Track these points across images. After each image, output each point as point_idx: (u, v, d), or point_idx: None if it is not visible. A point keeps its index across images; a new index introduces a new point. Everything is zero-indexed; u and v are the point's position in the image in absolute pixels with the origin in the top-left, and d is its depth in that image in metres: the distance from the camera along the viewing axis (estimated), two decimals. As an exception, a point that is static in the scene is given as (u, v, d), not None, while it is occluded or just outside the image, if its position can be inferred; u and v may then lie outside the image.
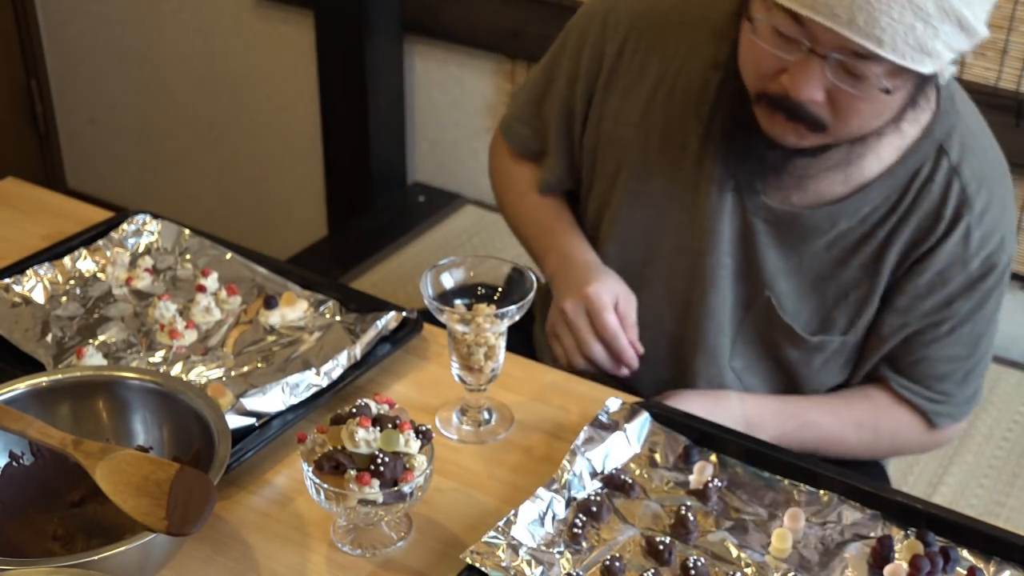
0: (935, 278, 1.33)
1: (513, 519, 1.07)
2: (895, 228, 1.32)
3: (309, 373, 1.24)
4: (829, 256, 1.35)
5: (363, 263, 2.54)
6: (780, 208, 1.34)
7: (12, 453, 1.09)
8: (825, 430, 1.40)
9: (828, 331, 1.39)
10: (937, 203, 1.31)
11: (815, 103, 1.18)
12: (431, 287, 1.20)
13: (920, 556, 1.06)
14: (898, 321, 1.36)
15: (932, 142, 1.30)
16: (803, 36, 1.14)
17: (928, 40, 1.10)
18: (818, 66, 1.15)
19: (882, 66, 1.13)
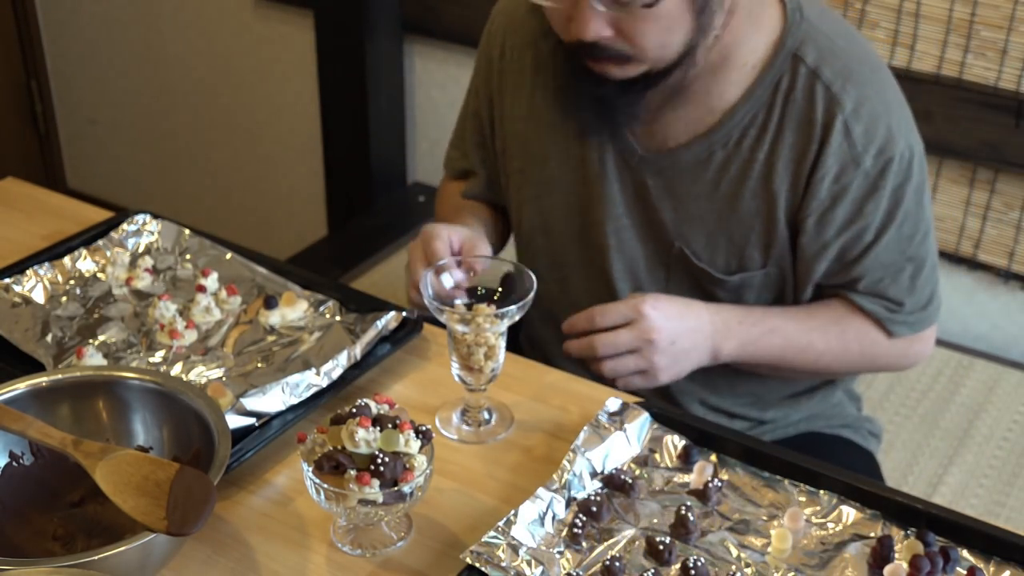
0: (833, 186, 1.33)
1: (513, 519, 1.07)
2: (772, 146, 1.33)
3: (309, 373, 1.24)
4: (720, 193, 1.37)
5: (363, 263, 2.55)
6: (659, 155, 1.37)
7: (12, 453, 1.09)
8: (791, 334, 1.39)
9: (746, 268, 1.40)
10: (805, 109, 1.32)
11: (607, 38, 1.24)
12: (431, 287, 1.20)
13: (920, 556, 1.06)
14: (817, 243, 1.36)
15: (784, 54, 1.32)
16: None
17: None
18: (587, 4, 1.21)
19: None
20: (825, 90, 1.31)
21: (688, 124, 1.36)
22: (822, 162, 1.32)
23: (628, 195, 1.41)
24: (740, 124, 1.34)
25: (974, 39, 2.02)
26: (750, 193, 1.36)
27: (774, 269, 1.40)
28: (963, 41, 2.03)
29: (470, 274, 1.26)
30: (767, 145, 1.34)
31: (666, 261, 1.43)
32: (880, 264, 1.37)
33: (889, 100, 1.34)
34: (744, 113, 1.34)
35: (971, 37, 2.02)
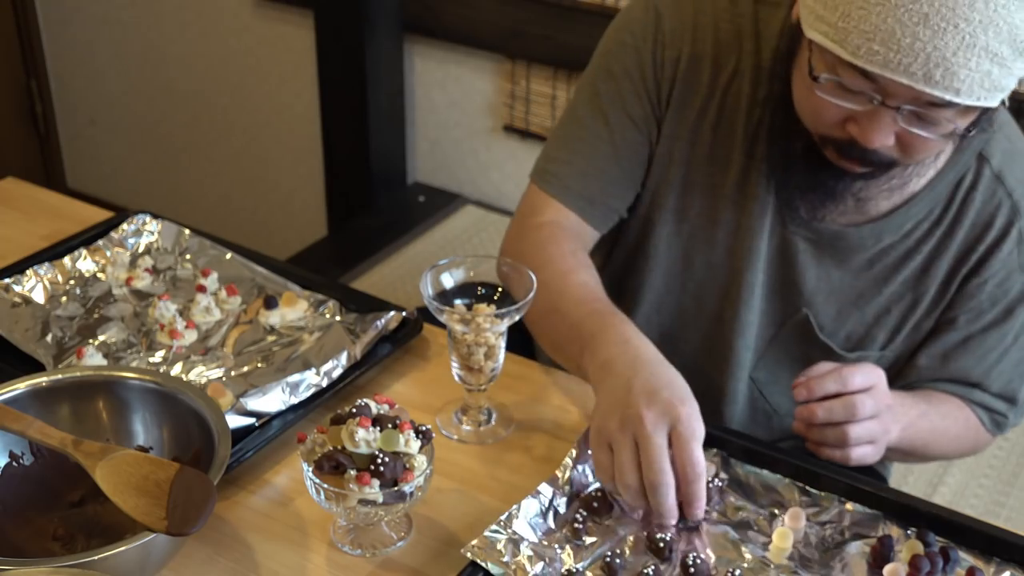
0: (995, 289, 1.31)
1: (515, 514, 1.07)
2: (941, 241, 1.30)
3: (309, 373, 1.24)
4: (871, 273, 1.33)
5: (363, 263, 2.55)
6: (823, 226, 1.31)
7: (12, 453, 1.09)
8: (935, 419, 1.34)
9: (866, 347, 1.37)
10: (983, 212, 1.29)
11: (886, 147, 1.15)
12: (431, 287, 1.20)
13: (920, 556, 1.06)
14: (960, 336, 1.34)
15: (971, 151, 1.28)
16: (873, 90, 1.09)
17: (1003, 79, 1.06)
18: (889, 116, 1.11)
19: (955, 109, 1.09)
20: (1008, 196, 1.28)
21: (863, 207, 1.30)
22: (988, 265, 1.30)
23: (773, 252, 1.34)
24: (916, 216, 1.30)
25: (974, 39, 2.02)
26: (902, 280, 1.33)
27: (890, 353, 1.38)
28: (963, 41, 2.03)
29: (470, 273, 1.25)
30: (935, 239, 1.30)
31: (783, 322, 1.38)
32: (1012, 364, 1.36)
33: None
34: (922, 205, 1.29)
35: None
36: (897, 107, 1.09)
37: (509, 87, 2.68)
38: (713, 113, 1.33)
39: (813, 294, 1.35)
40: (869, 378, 1.20)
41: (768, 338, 1.40)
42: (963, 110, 1.10)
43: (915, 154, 1.17)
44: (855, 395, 1.18)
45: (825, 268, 1.34)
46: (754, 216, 1.33)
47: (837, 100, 1.12)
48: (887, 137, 1.13)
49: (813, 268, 1.34)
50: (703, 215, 1.36)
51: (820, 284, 1.34)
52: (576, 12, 2.49)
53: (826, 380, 1.18)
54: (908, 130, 1.11)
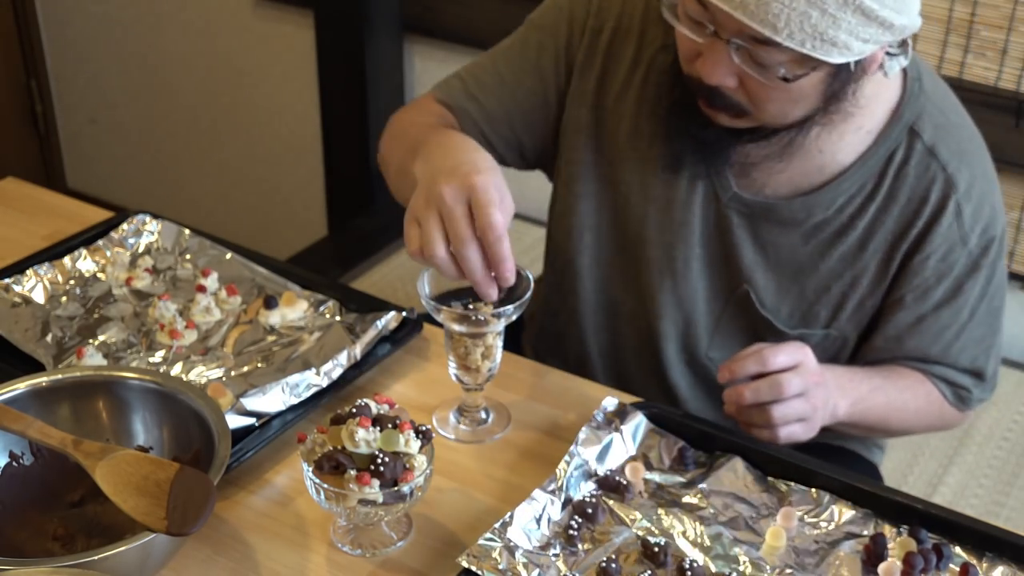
0: (939, 264, 1.31)
1: (509, 521, 1.07)
2: (876, 216, 1.31)
3: (309, 373, 1.24)
4: (807, 249, 1.34)
5: (363, 263, 2.55)
6: (753, 199, 1.33)
7: (12, 453, 1.09)
8: (891, 393, 1.36)
9: (809, 324, 1.38)
10: (918, 186, 1.30)
11: (729, 89, 1.19)
12: (428, 286, 1.20)
13: (914, 553, 1.06)
14: (911, 316, 1.35)
15: (902, 126, 1.29)
16: (708, 19, 1.15)
17: (828, 29, 1.09)
18: (724, 51, 1.15)
19: (784, 54, 1.12)
20: (941, 169, 1.29)
21: (792, 178, 1.32)
22: (929, 241, 1.30)
23: (708, 226, 1.36)
24: (847, 191, 1.31)
25: (974, 39, 2.02)
26: (838, 255, 1.34)
27: (835, 332, 1.38)
28: (963, 41, 2.03)
29: None
30: (870, 215, 1.31)
31: (726, 298, 1.40)
32: (973, 339, 1.37)
33: (991, 178, 1.34)
34: (854, 180, 1.30)
35: (971, 37, 2.02)
36: (728, 40, 1.14)
37: (509, 87, 2.68)
38: (637, 86, 1.36)
39: (752, 269, 1.36)
40: (793, 356, 1.21)
41: (716, 315, 1.41)
42: (796, 58, 1.13)
43: (761, 102, 1.19)
44: (780, 374, 1.20)
45: (760, 243, 1.35)
46: (684, 190, 1.35)
47: (684, 29, 1.18)
48: (725, 75, 1.17)
49: (748, 242, 1.35)
50: (634, 190, 1.39)
51: (757, 259, 1.36)
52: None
53: (747, 361, 1.21)
54: (743, 69, 1.15)
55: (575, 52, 1.41)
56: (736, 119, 1.24)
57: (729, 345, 1.42)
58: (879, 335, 1.38)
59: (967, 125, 1.35)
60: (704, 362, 1.44)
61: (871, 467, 1.57)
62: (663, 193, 1.37)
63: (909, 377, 1.38)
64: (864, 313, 1.38)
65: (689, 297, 1.40)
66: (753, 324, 1.40)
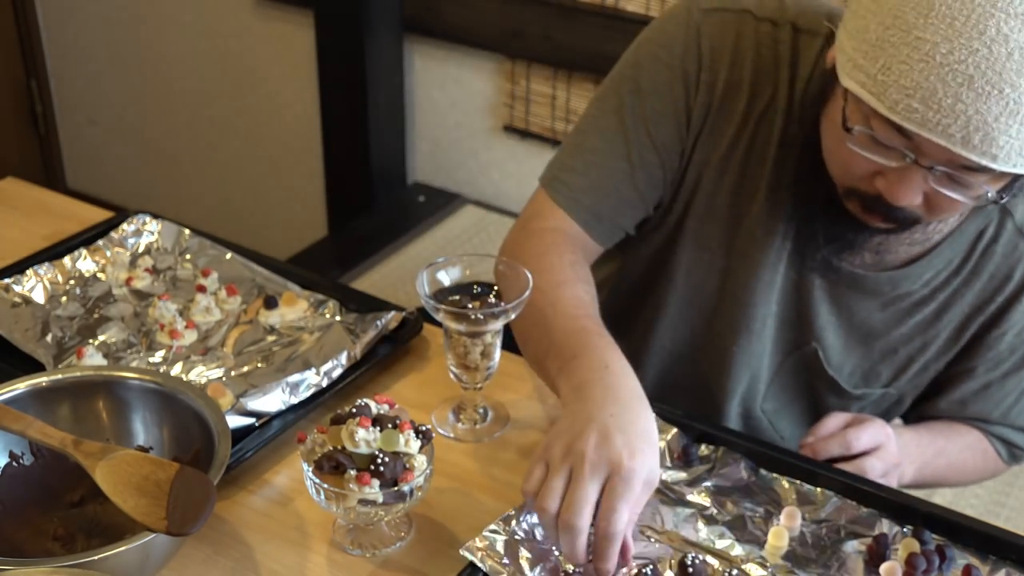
0: (1014, 339, 1.31)
1: (514, 514, 1.07)
2: (957, 290, 1.29)
3: (309, 373, 1.24)
4: (884, 315, 1.32)
5: (363, 263, 2.55)
6: (840, 269, 1.28)
7: (12, 453, 1.09)
8: (952, 454, 1.36)
9: (871, 384, 1.37)
10: (1003, 264, 1.28)
11: (912, 205, 1.11)
12: (427, 285, 1.20)
13: (916, 554, 1.06)
14: (979, 384, 1.34)
15: None
16: (907, 147, 1.05)
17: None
18: (919, 175, 1.07)
19: (989, 174, 1.05)
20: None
21: (883, 256, 1.28)
22: (1008, 318, 1.29)
23: (788, 285, 1.32)
24: (936, 267, 1.28)
25: (973, 39, 2.02)
26: (913, 324, 1.31)
27: (894, 391, 1.38)
28: (962, 41, 2.03)
29: (466, 272, 1.25)
30: (952, 288, 1.29)
31: (789, 353, 1.37)
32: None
33: None
34: (943, 256, 1.27)
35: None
36: (930, 167, 1.05)
37: (509, 87, 2.69)
38: (745, 143, 1.28)
39: (823, 329, 1.34)
40: (876, 438, 1.23)
41: (774, 367, 1.39)
42: (997, 175, 1.06)
43: (940, 213, 1.14)
44: (864, 458, 1.21)
45: (837, 306, 1.32)
46: (773, 251, 1.30)
47: (869, 154, 1.08)
48: (916, 196, 1.09)
49: (826, 305, 1.32)
50: (724, 245, 1.34)
51: (831, 319, 1.33)
52: (576, 12, 2.49)
53: (831, 444, 1.21)
54: (937, 190, 1.07)
55: (692, 111, 1.29)
56: (896, 223, 1.16)
57: (784, 397, 1.41)
58: (943, 399, 1.37)
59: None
60: (757, 414, 1.43)
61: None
62: (750, 250, 1.31)
63: (969, 436, 1.38)
64: (926, 376, 1.37)
65: (758, 355, 1.37)
66: (814, 380, 1.38)
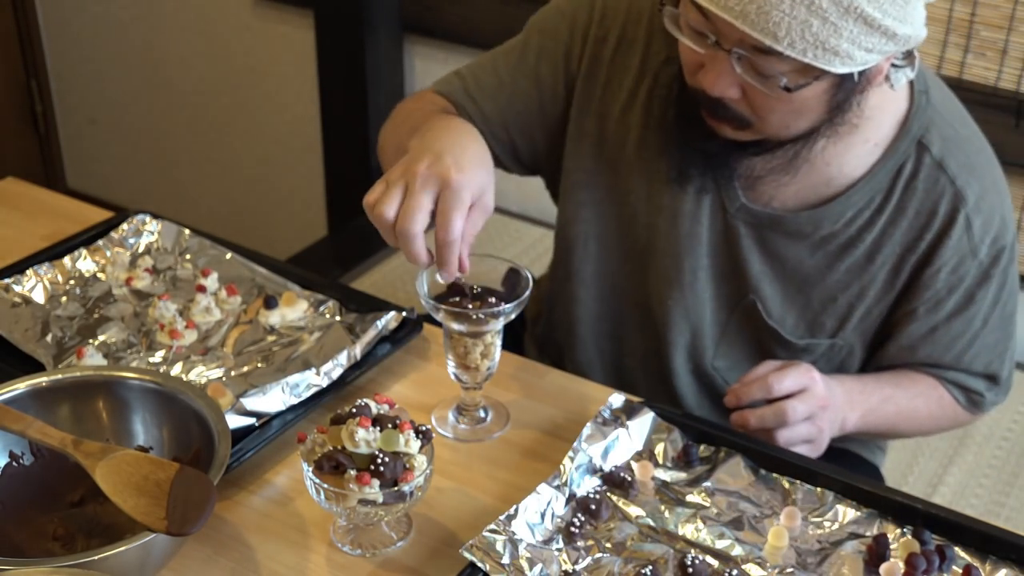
0: (950, 277, 1.31)
1: (513, 514, 1.07)
2: (884, 229, 1.31)
3: (309, 373, 1.24)
4: (815, 260, 1.34)
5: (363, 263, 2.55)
6: (761, 211, 1.33)
7: (12, 453, 1.09)
8: (901, 401, 1.37)
9: (816, 334, 1.38)
10: (927, 200, 1.29)
11: (733, 100, 1.18)
12: (427, 286, 1.20)
13: (916, 554, 1.06)
14: (924, 327, 1.34)
15: (910, 139, 1.29)
16: (710, 30, 1.14)
17: (829, 38, 1.07)
18: (726, 62, 1.14)
19: (786, 64, 1.11)
20: (950, 183, 1.28)
21: (800, 191, 1.32)
22: (940, 254, 1.30)
23: (715, 237, 1.36)
24: (856, 204, 1.30)
25: (974, 39, 2.02)
26: (846, 268, 1.33)
27: (841, 342, 1.38)
28: (963, 41, 2.03)
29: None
30: (878, 228, 1.31)
31: (733, 308, 1.39)
32: (986, 346, 1.37)
33: (1001, 190, 1.33)
34: (863, 194, 1.30)
35: (971, 37, 2.02)
36: (729, 50, 1.13)
37: (509, 87, 2.68)
38: (643, 97, 1.35)
39: (759, 279, 1.36)
40: (799, 381, 1.24)
41: (722, 324, 1.41)
42: (798, 68, 1.12)
43: (764, 113, 1.19)
44: (785, 401, 1.23)
45: (767, 254, 1.35)
46: (688, 201, 1.34)
47: (686, 39, 1.17)
48: (728, 86, 1.16)
49: (756, 253, 1.35)
50: (641, 199, 1.38)
51: (764, 269, 1.35)
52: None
53: (752, 388, 1.24)
54: (745, 80, 1.14)
55: (577, 60, 1.40)
56: (740, 131, 1.23)
57: (734, 354, 1.43)
58: (892, 345, 1.37)
59: (976, 137, 1.34)
60: (710, 371, 1.44)
61: (872, 468, 1.57)
62: (670, 204, 1.36)
63: (921, 383, 1.38)
64: (870, 323, 1.37)
65: (696, 307, 1.40)
66: (759, 334, 1.40)
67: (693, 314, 1.40)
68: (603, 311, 1.47)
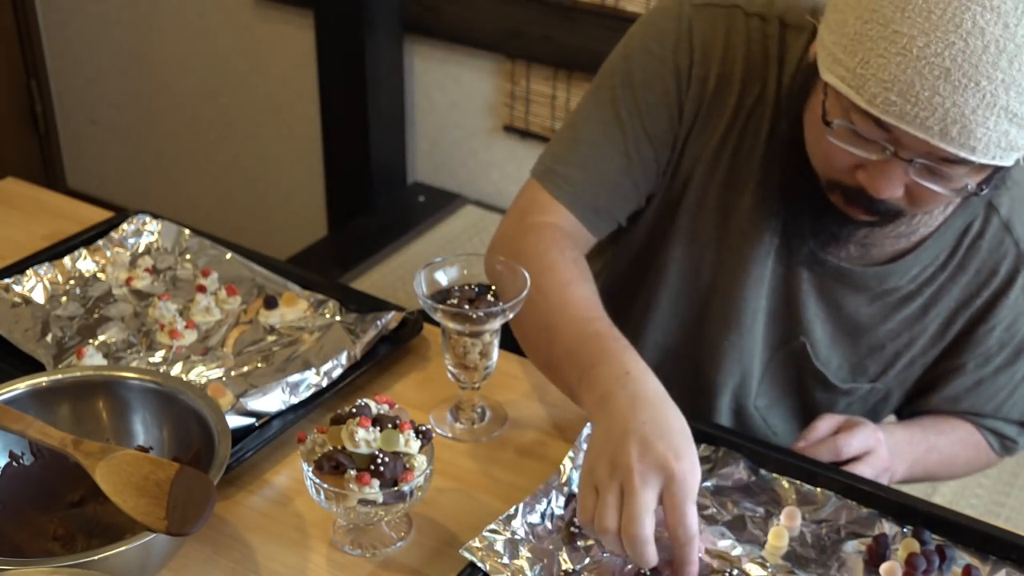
0: (1003, 334, 1.31)
1: (513, 514, 1.07)
2: (944, 284, 1.30)
3: (309, 373, 1.24)
4: (871, 309, 1.32)
5: (363, 263, 2.55)
6: (828, 263, 1.30)
7: (12, 453, 1.09)
8: (944, 449, 1.36)
9: (858, 378, 1.37)
10: (989, 260, 1.28)
11: (894, 198, 1.12)
12: (425, 285, 1.20)
13: (916, 554, 1.06)
14: (971, 381, 1.34)
15: (981, 198, 1.25)
16: (887, 140, 1.06)
17: (1020, 140, 1.03)
18: (900, 168, 1.08)
19: (969, 166, 1.06)
20: (1014, 244, 1.27)
21: (869, 250, 1.29)
22: (995, 313, 1.29)
23: (777, 279, 1.33)
24: (922, 262, 1.28)
25: (973, 39, 2.02)
26: (901, 319, 1.32)
27: (881, 387, 1.38)
28: (962, 41, 2.03)
29: (464, 272, 1.25)
30: (938, 283, 1.29)
31: (780, 347, 1.37)
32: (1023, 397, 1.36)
33: None
34: (930, 252, 1.28)
35: (970, 37, 2.02)
36: (910, 160, 1.06)
37: (509, 87, 2.69)
38: (735, 138, 1.29)
39: (811, 323, 1.34)
40: (866, 443, 1.23)
41: (764, 362, 1.39)
42: (977, 167, 1.06)
43: (922, 205, 1.14)
44: (854, 464, 1.22)
45: (825, 299, 1.33)
46: (762, 246, 1.31)
47: (849, 147, 1.09)
48: (897, 188, 1.10)
49: (813, 299, 1.33)
50: (714, 239, 1.34)
51: (818, 313, 1.33)
52: (576, 12, 2.49)
53: (821, 450, 1.22)
54: (918, 183, 1.08)
55: (684, 104, 1.30)
56: (879, 216, 1.17)
57: (774, 393, 1.41)
58: (936, 396, 1.37)
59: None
60: (751, 411, 1.43)
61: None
62: (742, 246, 1.31)
63: (960, 430, 1.38)
64: (913, 371, 1.37)
65: (749, 349, 1.37)
66: (802, 374, 1.38)
67: (746, 356, 1.38)
68: (654, 341, 1.42)
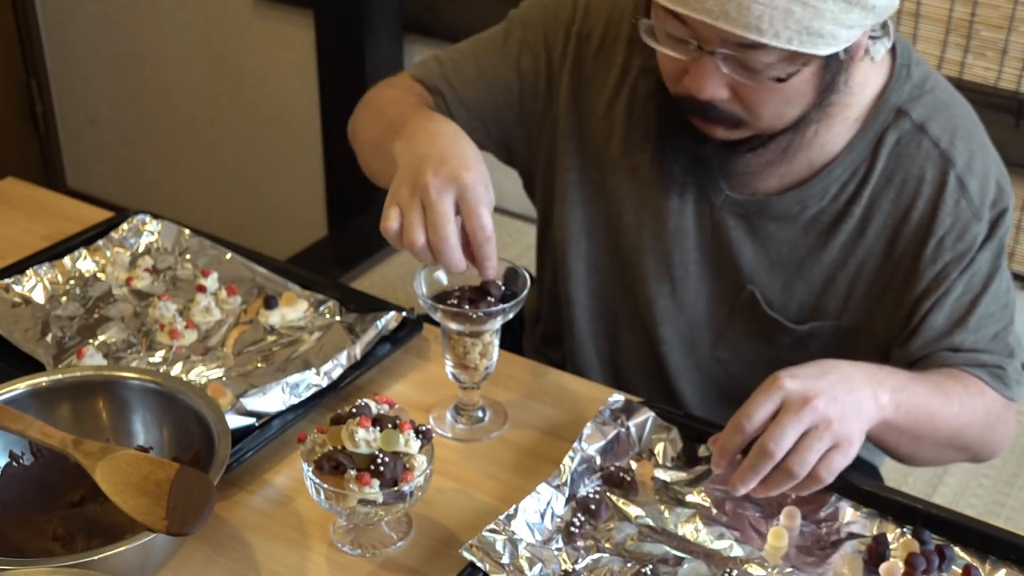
0: (957, 245, 1.27)
1: (513, 514, 1.07)
2: (871, 200, 1.29)
3: (309, 373, 1.24)
4: (806, 241, 1.33)
5: (363, 263, 2.55)
6: (745, 199, 1.32)
7: (12, 453, 1.10)
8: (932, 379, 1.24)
9: (819, 317, 1.36)
10: (912, 166, 1.27)
11: (722, 100, 1.17)
12: (425, 285, 1.20)
13: (916, 554, 1.06)
14: (933, 298, 1.29)
15: (888, 108, 1.27)
16: (689, 35, 1.13)
17: (812, 21, 1.07)
18: (711, 63, 1.13)
19: (773, 55, 1.10)
20: (934, 145, 1.26)
21: (784, 176, 1.30)
22: (939, 222, 1.26)
23: (704, 232, 1.35)
24: (839, 179, 1.29)
25: (974, 39, 2.02)
26: (839, 244, 1.31)
27: (847, 323, 1.36)
28: (963, 41, 2.03)
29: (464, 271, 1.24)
30: (865, 199, 1.29)
31: (731, 301, 1.38)
32: (989, 315, 1.31)
33: (992, 153, 1.31)
34: (844, 168, 1.28)
35: (971, 37, 2.03)
36: (713, 51, 1.11)
37: (509, 87, 2.68)
38: (626, 94, 1.35)
39: (753, 270, 1.35)
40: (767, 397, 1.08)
41: (723, 318, 1.40)
42: (784, 55, 1.11)
43: (757, 108, 1.18)
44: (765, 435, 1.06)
45: (759, 242, 1.34)
46: (672, 196, 1.34)
47: (665, 49, 1.16)
48: (717, 87, 1.15)
49: (747, 243, 1.34)
50: (627, 197, 1.37)
51: (758, 259, 1.34)
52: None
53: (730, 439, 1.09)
54: (734, 78, 1.13)
55: (559, 57, 1.39)
56: (733, 130, 1.22)
57: (738, 345, 1.42)
58: (917, 340, 1.31)
59: (959, 103, 1.32)
60: (711, 363, 1.44)
61: (871, 469, 1.57)
62: (655, 200, 1.36)
63: (941, 372, 1.30)
64: (883, 308, 1.33)
65: (690, 302, 1.39)
66: (762, 325, 1.39)
67: (687, 310, 1.40)
68: (598, 310, 1.47)
